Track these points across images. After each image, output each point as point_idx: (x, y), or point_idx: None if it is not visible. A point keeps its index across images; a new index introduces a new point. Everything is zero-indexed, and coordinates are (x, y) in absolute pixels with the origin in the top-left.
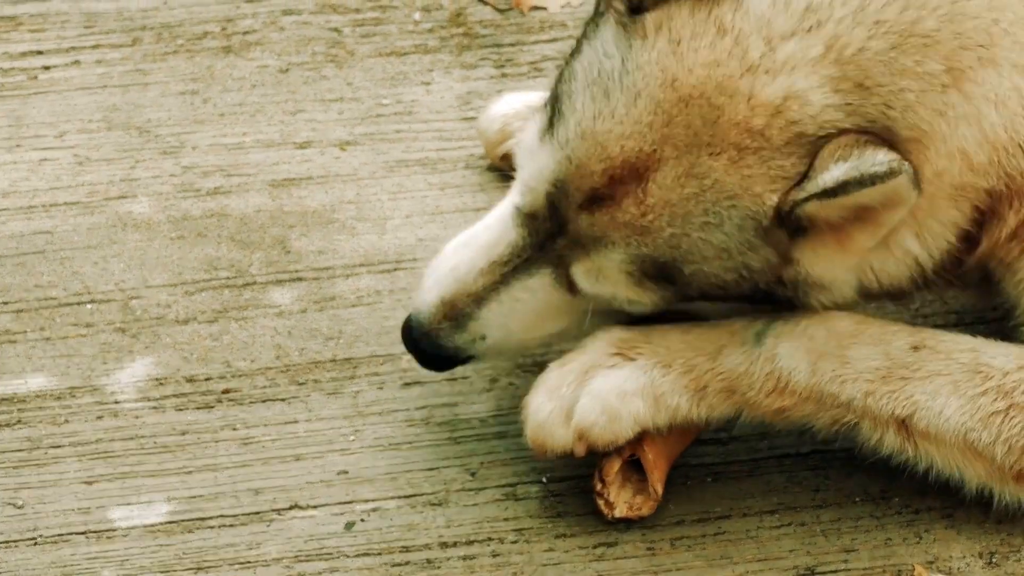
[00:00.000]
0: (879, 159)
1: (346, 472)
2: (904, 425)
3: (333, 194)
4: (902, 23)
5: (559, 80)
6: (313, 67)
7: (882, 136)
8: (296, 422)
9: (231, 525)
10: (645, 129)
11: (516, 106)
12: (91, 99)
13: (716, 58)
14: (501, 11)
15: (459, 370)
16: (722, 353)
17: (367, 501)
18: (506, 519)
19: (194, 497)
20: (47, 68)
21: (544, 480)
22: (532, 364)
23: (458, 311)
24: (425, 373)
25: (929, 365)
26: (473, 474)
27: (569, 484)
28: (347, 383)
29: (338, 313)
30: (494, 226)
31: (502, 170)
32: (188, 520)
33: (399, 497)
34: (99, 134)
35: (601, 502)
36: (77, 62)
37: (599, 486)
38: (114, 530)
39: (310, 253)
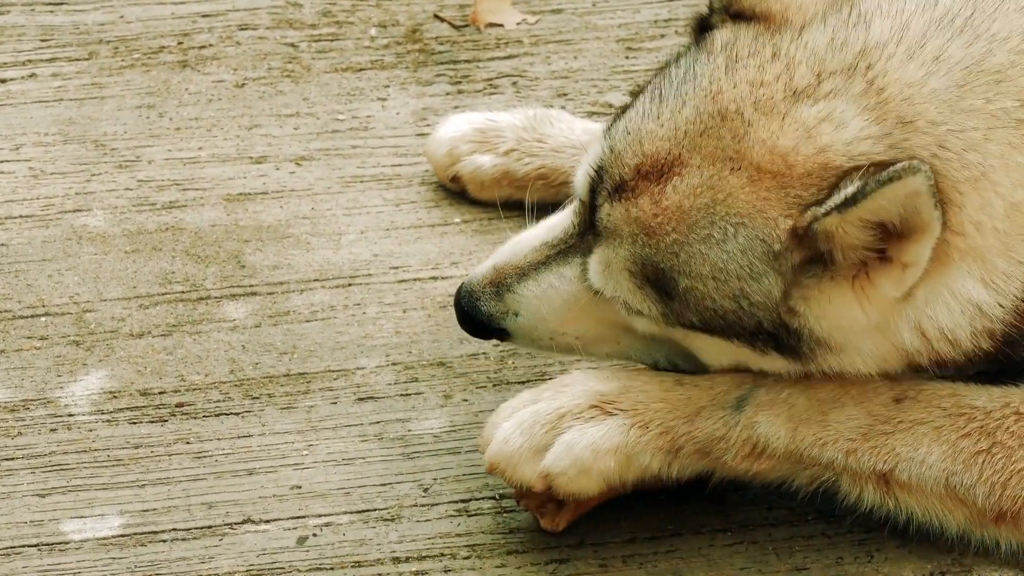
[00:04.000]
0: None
1: (299, 487)
2: (884, 479)
3: (288, 209)
4: (969, 59)
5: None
6: (269, 82)
7: None
8: (249, 436)
9: (184, 539)
10: (680, 135)
11: (463, 128)
12: (47, 112)
13: (762, 78)
14: (457, 28)
15: (412, 385)
16: (700, 416)
17: (320, 516)
18: (459, 535)
19: (147, 510)
20: (3, 81)
21: (497, 496)
22: (485, 381)
23: (501, 280)
24: (378, 389)
25: (911, 415)
26: (426, 490)
27: None
28: (301, 398)
29: (292, 328)
30: (563, 212)
31: (454, 191)
32: (141, 533)
33: (352, 512)
34: (55, 147)
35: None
36: (33, 75)
37: None
38: (67, 543)
39: (265, 268)
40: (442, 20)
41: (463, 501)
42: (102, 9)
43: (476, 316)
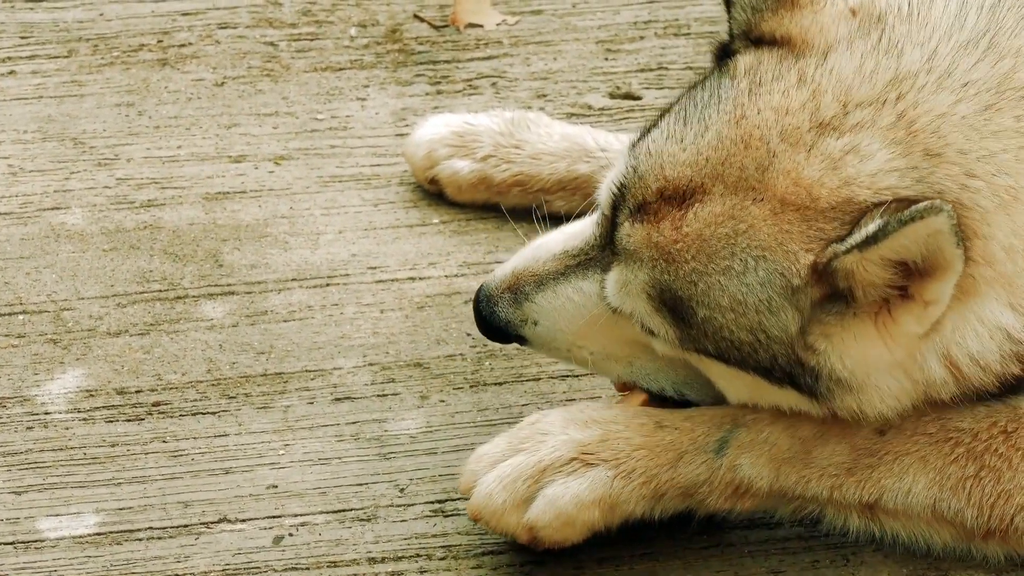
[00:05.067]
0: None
1: (275, 486)
2: (870, 508)
3: (267, 208)
4: (996, 80)
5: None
6: (248, 81)
7: None
8: (226, 435)
9: (160, 537)
10: (703, 161)
11: (441, 131)
12: (26, 110)
13: (787, 105)
14: (437, 28)
15: (389, 386)
16: (682, 461)
17: (296, 515)
18: (435, 536)
19: (123, 509)
20: None
21: None
22: (462, 382)
23: (520, 287)
24: (355, 389)
25: (896, 446)
26: (402, 490)
27: None
28: (277, 397)
29: (270, 327)
30: (586, 220)
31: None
32: (117, 532)
33: (328, 512)
34: (34, 145)
35: None
36: (13, 72)
37: None
38: (42, 541)
39: (243, 267)
40: (422, 20)
41: (439, 502)
42: (82, 7)
43: (493, 322)
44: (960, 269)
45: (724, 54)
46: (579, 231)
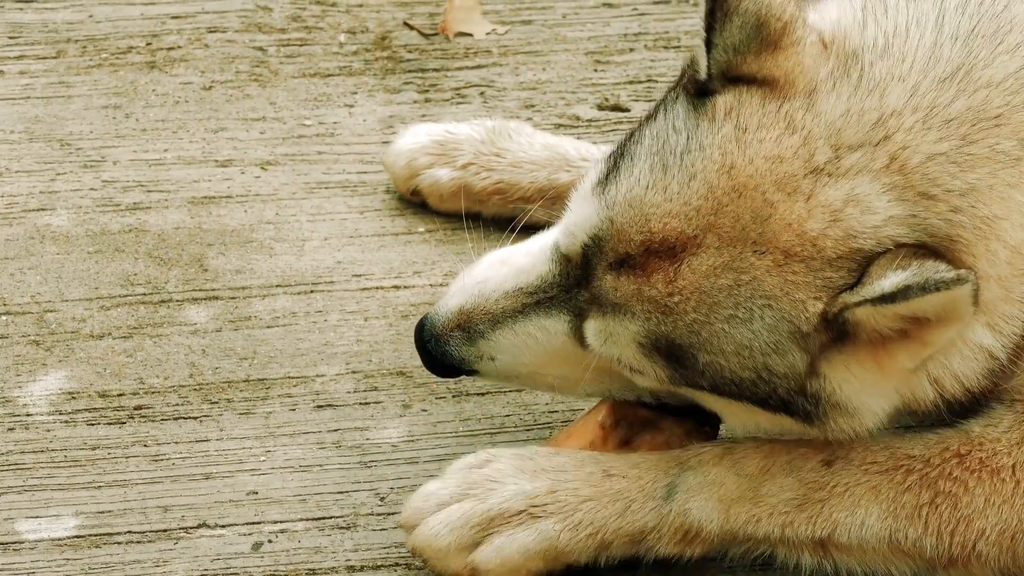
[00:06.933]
0: (942, 267)
1: (255, 492)
2: (822, 544)
3: (252, 214)
4: (972, 112)
5: (628, 138)
6: (237, 85)
7: (939, 252)
8: (207, 440)
9: (138, 542)
10: (692, 212)
11: (421, 140)
12: (13, 110)
13: (780, 154)
14: (426, 36)
15: (371, 394)
16: (630, 510)
17: (275, 522)
18: None
19: (102, 512)
20: None
21: None
22: (445, 391)
23: (472, 325)
24: (337, 397)
25: (844, 478)
26: (382, 498)
27: None
28: (259, 403)
29: (253, 333)
30: (533, 253)
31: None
32: (96, 535)
33: (308, 519)
34: (20, 145)
35: None
36: (1, 72)
37: None
38: (21, 543)
39: (227, 272)
40: (411, 28)
41: None
42: (71, 8)
43: (446, 361)
44: (968, 321)
45: (699, 92)
46: (529, 267)
